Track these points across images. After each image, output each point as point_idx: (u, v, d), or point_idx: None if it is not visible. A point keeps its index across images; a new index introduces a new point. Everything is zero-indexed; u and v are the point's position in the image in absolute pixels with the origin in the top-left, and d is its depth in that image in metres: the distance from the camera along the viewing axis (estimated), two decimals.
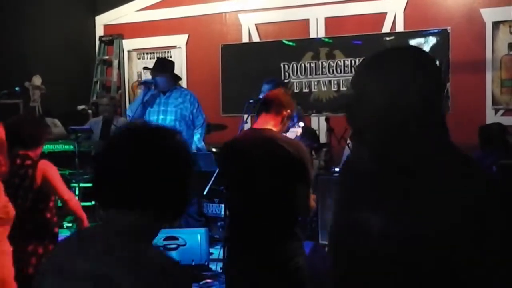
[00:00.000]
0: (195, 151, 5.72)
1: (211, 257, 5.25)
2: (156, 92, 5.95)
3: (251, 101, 5.51)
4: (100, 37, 8.75)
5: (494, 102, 6.40)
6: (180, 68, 8.23)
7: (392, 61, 1.48)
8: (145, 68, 7.53)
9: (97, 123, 7.09)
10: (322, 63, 7.28)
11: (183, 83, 8.18)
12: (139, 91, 6.25)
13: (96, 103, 8.10)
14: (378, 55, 1.51)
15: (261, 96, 5.87)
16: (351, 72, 7.11)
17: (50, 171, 3.40)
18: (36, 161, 3.39)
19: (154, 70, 6.04)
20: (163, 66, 6.07)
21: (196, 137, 5.90)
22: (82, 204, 3.87)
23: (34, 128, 3.51)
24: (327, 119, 6.12)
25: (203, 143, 5.90)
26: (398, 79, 1.43)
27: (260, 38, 7.74)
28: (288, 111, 3.19)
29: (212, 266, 5.07)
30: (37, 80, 7.71)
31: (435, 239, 1.36)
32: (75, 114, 7.83)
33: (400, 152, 1.44)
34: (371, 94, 1.44)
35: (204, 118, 6.00)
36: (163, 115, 5.86)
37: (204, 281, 4.69)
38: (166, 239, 4.74)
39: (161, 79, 5.89)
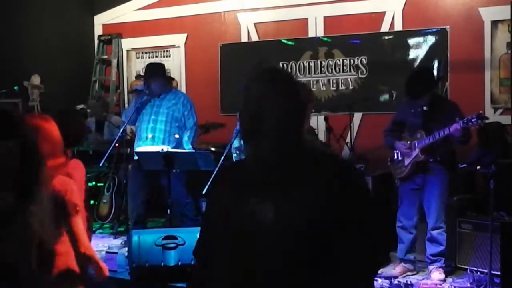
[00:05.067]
0: (193, 151, 5.73)
1: None
2: (149, 98, 5.92)
3: None
4: (99, 36, 8.75)
5: (493, 101, 6.40)
6: (179, 67, 8.24)
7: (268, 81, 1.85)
8: (138, 77, 7.51)
9: (91, 124, 7.15)
10: (321, 62, 7.28)
11: (182, 82, 8.18)
12: (132, 99, 6.26)
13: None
14: (260, 73, 1.91)
15: None
16: (350, 71, 7.12)
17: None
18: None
19: (146, 77, 6.01)
20: (154, 71, 6.01)
21: (184, 139, 5.88)
22: None
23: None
24: (326, 118, 6.13)
25: (190, 146, 5.88)
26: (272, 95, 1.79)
27: (258, 37, 7.73)
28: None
29: None
30: (35, 79, 7.71)
31: (305, 219, 1.68)
32: None
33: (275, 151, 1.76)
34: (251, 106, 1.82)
35: (195, 122, 5.96)
36: (155, 116, 5.86)
37: None
38: (165, 238, 4.73)
39: (154, 84, 5.86)
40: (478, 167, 4.92)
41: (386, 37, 6.95)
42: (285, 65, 7.42)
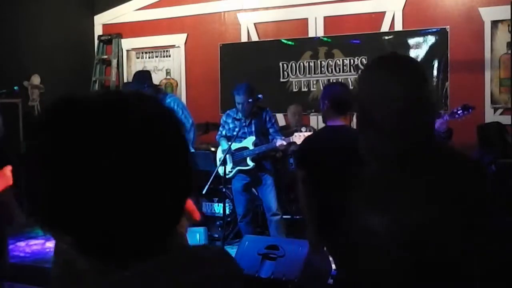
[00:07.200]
0: (192, 151, 5.71)
1: None
2: None
3: (249, 100, 5.51)
4: (99, 36, 8.75)
5: (493, 101, 6.40)
6: (179, 67, 8.24)
7: (402, 66, 1.69)
8: (126, 85, 7.40)
9: None
10: (321, 62, 7.28)
11: (182, 82, 8.18)
12: None
13: None
14: (389, 58, 1.78)
15: (238, 107, 5.66)
16: (350, 71, 7.11)
17: None
18: None
19: (135, 84, 5.92)
20: (142, 78, 5.95)
21: None
22: None
23: None
24: None
25: (191, 147, 5.80)
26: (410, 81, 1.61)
27: (259, 37, 7.73)
28: None
29: None
30: (36, 79, 7.71)
31: (436, 229, 1.48)
32: None
33: (406, 143, 1.56)
34: (384, 92, 1.60)
35: (191, 123, 5.84)
36: None
37: None
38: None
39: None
40: None
41: (386, 37, 6.95)
42: (285, 65, 7.42)
